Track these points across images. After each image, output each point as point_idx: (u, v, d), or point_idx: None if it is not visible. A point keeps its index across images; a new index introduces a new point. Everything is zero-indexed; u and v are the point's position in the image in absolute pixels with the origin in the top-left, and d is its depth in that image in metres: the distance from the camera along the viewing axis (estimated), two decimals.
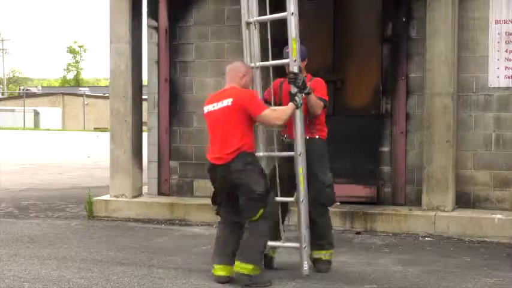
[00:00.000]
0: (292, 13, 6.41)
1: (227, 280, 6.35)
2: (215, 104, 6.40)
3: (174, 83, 10.42)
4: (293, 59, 6.45)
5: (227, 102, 6.31)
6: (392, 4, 9.42)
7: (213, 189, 6.54)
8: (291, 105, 6.39)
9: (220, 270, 6.38)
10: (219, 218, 6.62)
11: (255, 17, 6.74)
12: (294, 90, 6.43)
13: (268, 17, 6.76)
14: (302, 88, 6.42)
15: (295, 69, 6.45)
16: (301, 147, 6.46)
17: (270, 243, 6.64)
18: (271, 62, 6.74)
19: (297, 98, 6.40)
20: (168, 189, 10.43)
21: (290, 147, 6.62)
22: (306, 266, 6.45)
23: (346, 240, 8.32)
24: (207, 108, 6.48)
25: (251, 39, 6.74)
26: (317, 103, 6.65)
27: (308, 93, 6.50)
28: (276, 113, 6.40)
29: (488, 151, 9.02)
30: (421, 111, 9.10)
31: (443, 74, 8.81)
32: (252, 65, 6.70)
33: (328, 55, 9.60)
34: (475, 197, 9.07)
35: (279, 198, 6.58)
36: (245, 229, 6.40)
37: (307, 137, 6.63)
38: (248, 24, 6.75)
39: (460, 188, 9.04)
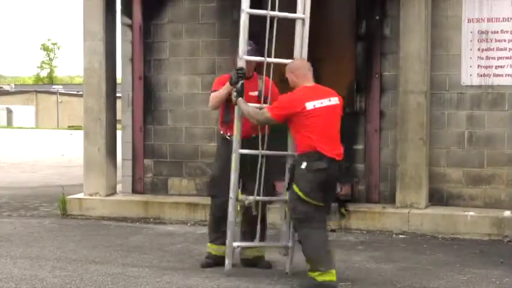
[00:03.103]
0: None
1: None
2: (323, 101, 6.24)
3: (149, 80, 10.37)
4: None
5: (335, 100, 6.35)
6: (366, 2, 9.45)
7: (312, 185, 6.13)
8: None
9: (331, 276, 6.03)
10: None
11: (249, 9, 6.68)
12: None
13: (276, 13, 6.85)
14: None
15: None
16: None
17: (251, 243, 6.70)
18: (278, 60, 6.73)
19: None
20: (142, 187, 10.39)
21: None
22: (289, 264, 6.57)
23: None
24: (313, 104, 6.17)
25: (245, 28, 6.65)
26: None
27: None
28: None
29: (461, 149, 9.08)
30: (395, 109, 9.15)
31: (417, 72, 8.86)
32: (245, 57, 6.59)
33: None
34: (448, 194, 9.13)
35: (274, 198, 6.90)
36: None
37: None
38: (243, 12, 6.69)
39: (433, 186, 9.10)
